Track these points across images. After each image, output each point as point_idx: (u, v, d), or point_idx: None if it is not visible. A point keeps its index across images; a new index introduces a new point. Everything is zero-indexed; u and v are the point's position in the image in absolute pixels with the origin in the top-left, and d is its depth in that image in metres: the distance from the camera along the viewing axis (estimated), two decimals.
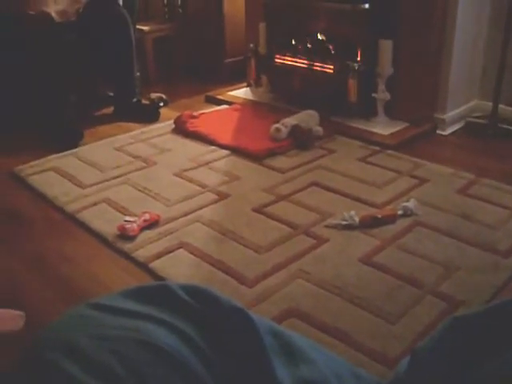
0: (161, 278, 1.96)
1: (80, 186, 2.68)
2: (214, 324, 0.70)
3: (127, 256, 2.12)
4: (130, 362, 0.61)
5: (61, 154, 3.05)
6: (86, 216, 2.41)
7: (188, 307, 0.70)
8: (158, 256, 2.09)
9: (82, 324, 0.66)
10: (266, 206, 2.45)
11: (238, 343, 0.70)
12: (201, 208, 2.44)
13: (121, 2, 3.58)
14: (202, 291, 0.73)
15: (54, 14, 3.36)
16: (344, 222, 2.25)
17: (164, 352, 0.63)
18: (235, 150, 3.02)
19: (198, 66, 4.57)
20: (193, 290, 0.72)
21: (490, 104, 3.27)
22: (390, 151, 3.01)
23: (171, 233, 2.24)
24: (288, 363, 0.71)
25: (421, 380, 0.76)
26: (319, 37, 3.59)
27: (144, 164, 2.91)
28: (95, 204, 2.50)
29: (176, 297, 0.71)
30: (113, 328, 0.65)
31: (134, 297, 0.71)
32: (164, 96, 3.93)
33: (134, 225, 2.24)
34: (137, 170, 2.84)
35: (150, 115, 3.63)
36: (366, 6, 3.19)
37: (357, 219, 2.24)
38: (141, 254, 2.11)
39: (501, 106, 3.26)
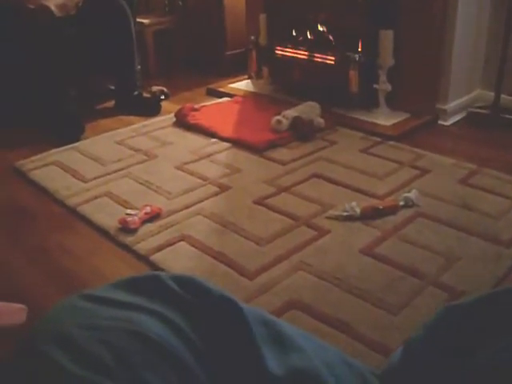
0: (162, 271, 1.96)
1: (81, 179, 2.68)
2: (203, 314, 0.70)
3: (129, 249, 2.13)
4: (120, 352, 0.61)
5: (62, 148, 3.05)
6: (88, 209, 2.41)
7: (178, 297, 0.70)
8: (160, 249, 2.09)
9: (74, 315, 0.66)
10: (267, 197, 2.44)
11: (228, 333, 0.70)
12: (202, 200, 2.44)
13: None
14: (193, 281, 0.73)
15: (53, 8, 3.35)
16: (345, 213, 2.24)
17: (154, 342, 0.63)
18: (236, 143, 3.02)
19: (198, 59, 4.56)
20: (183, 281, 0.72)
21: (493, 94, 3.25)
22: (391, 142, 3.01)
23: (172, 225, 2.25)
24: (278, 352, 0.71)
25: (414, 369, 0.77)
26: (320, 28, 3.58)
27: (145, 157, 2.91)
28: (96, 197, 2.50)
29: (167, 287, 0.71)
30: (104, 318, 0.65)
31: (126, 287, 0.71)
32: (165, 89, 3.92)
33: (136, 218, 2.24)
34: (138, 163, 2.84)
35: (151, 108, 3.63)
36: None
37: (358, 210, 2.24)
38: (142, 246, 2.11)
39: (503, 95, 3.24)
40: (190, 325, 0.68)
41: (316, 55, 3.52)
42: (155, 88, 3.90)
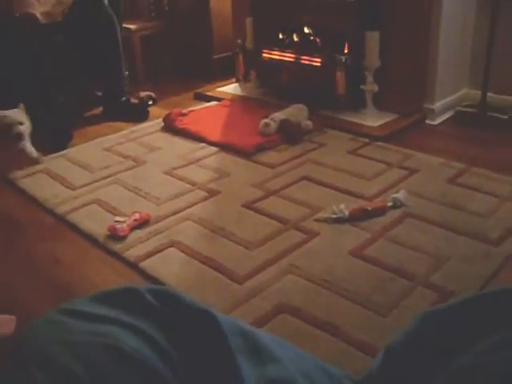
0: (151, 278, 1.96)
1: (70, 187, 2.67)
2: (179, 326, 0.70)
3: (118, 256, 2.12)
4: (94, 366, 0.61)
5: (50, 156, 3.04)
6: (77, 217, 2.40)
7: (154, 310, 0.71)
8: (149, 255, 2.08)
9: (50, 330, 0.67)
10: (256, 201, 2.44)
11: (204, 344, 0.70)
12: (191, 206, 2.43)
13: (106, 2, 3.57)
14: (169, 294, 0.73)
15: (39, 15, 3.34)
16: (334, 216, 2.24)
17: (129, 355, 0.64)
18: (224, 147, 3.02)
19: (186, 63, 4.56)
20: (159, 293, 0.73)
21: (480, 93, 3.27)
22: (379, 143, 3.01)
23: (161, 232, 2.24)
24: (255, 363, 0.71)
25: (394, 374, 0.77)
26: (306, 30, 3.59)
27: (134, 163, 2.90)
28: (85, 205, 2.50)
29: (143, 300, 0.71)
30: (79, 333, 0.66)
31: (102, 301, 0.72)
32: (153, 94, 3.92)
33: (124, 225, 2.24)
34: (127, 169, 2.83)
35: (139, 114, 3.62)
36: None
37: (346, 212, 2.24)
38: (131, 253, 2.10)
39: (490, 94, 3.26)
40: (166, 337, 0.68)
41: (303, 57, 3.53)
42: (143, 93, 3.89)
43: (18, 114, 2.90)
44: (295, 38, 3.65)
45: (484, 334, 0.68)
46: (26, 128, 2.91)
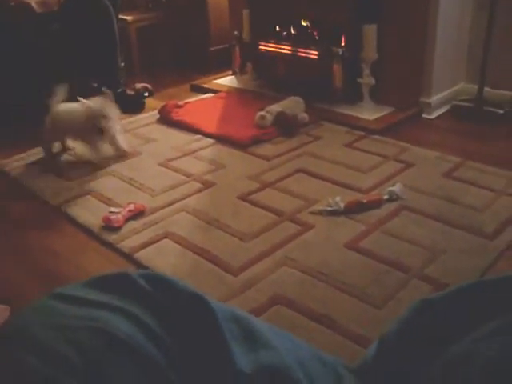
0: (146, 268, 1.95)
1: (65, 178, 2.66)
2: (173, 311, 0.70)
3: (113, 247, 2.11)
4: (86, 350, 0.61)
5: None
6: (71, 208, 2.40)
7: (146, 295, 0.70)
8: (144, 246, 2.08)
9: (41, 314, 0.66)
10: (252, 193, 2.44)
11: (197, 330, 0.70)
12: (186, 197, 2.43)
13: None
14: (162, 279, 0.73)
15: (34, 5, 3.32)
16: (329, 208, 2.24)
17: (121, 340, 0.63)
18: (220, 139, 3.01)
19: (182, 55, 4.55)
20: (152, 278, 0.72)
21: (476, 87, 3.26)
22: (375, 136, 3.01)
23: (156, 223, 2.23)
24: (248, 349, 0.71)
25: (388, 362, 0.76)
26: (303, 23, 3.58)
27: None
28: (80, 196, 2.49)
29: (135, 285, 0.71)
30: (72, 318, 0.65)
31: (96, 286, 0.71)
32: (149, 86, 3.90)
33: (119, 216, 2.23)
34: (122, 160, 2.82)
35: (135, 106, 3.61)
36: None
37: (342, 205, 2.24)
38: (126, 244, 2.10)
39: (486, 88, 3.26)
40: (159, 322, 0.68)
41: (300, 50, 3.52)
42: (139, 85, 3.88)
43: (101, 105, 2.72)
44: (292, 31, 3.65)
45: (479, 321, 0.68)
46: (109, 121, 2.72)
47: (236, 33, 3.92)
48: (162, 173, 2.67)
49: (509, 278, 0.73)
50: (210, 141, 3.02)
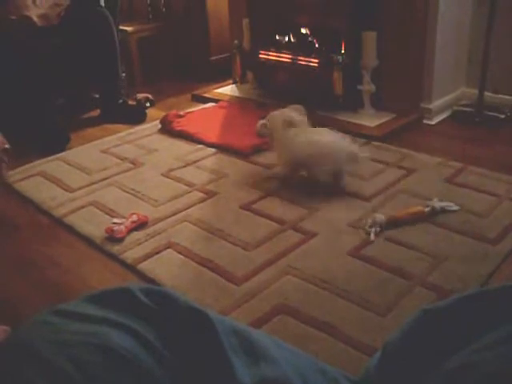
0: (149, 279, 1.95)
1: (67, 189, 2.67)
2: (173, 326, 0.70)
3: (116, 258, 2.11)
4: (86, 366, 0.61)
5: (48, 159, 3.04)
6: (74, 220, 2.40)
7: (147, 309, 0.71)
8: (147, 257, 2.08)
9: (43, 330, 0.67)
10: (254, 202, 2.44)
11: (197, 344, 0.70)
12: (188, 207, 2.43)
13: (102, 3, 3.57)
14: (162, 293, 0.73)
15: (35, 18, 3.34)
16: (372, 229, 2.16)
17: (121, 356, 0.64)
18: (222, 148, 3.02)
19: (183, 65, 4.56)
20: (153, 293, 0.72)
21: (477, 92, 3.26)
22: (377, 143, 3.01)
23: (159, 233, 2.24)
24: (249, 363, 0.71)
25: (391, 374, 0.76)
26: (303, 31, 3.58)
27: (131, 165, 2.90)
28: (83, 207, 2.49)
29: (136, 300, 0.71)
30: (72, 333, 0.66)
31: (96, 301, 0.71)
32: (150, 96, 3.92)
33: (122, 226, 2.23)
34: (124, 171, 2.83)
35: (136, 116, 3.62)
36: None
37: (383, 220, 2.18)
38: (129, 255, 2.10)
39: (487, 93, 3.26)
40: (159, 337, 0.68)
41: (300, 58, 3.52)
42: (140, 95, 3.89)
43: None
44: (292, 39, 3.65)
45: (481, 331, 0.68)
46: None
47: (236, 42, 3.93)
48: (164, 183, 2.67)
49: (510, 287, 0.73)
50: (212, 150, 3.02)
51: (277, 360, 0.73)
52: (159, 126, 3.40)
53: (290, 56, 3.59)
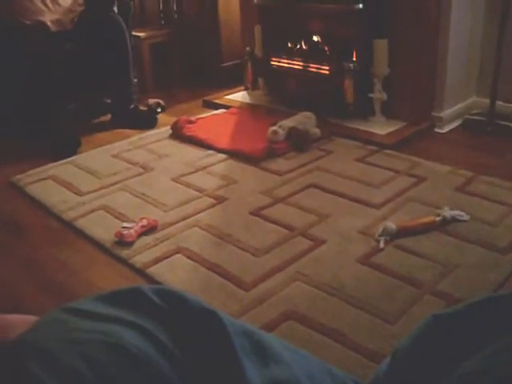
0: (158, 283, 1.95)
1: (78, 193, 2.68)
2: (184, 326, 0.70)
3: (125, 262, 2.12)
4: (97, 365, 0.61)
5: (59, 163, 3.05)
6: (84, 223, 2.41)
7: (159, 310, 0.70)
8: (156, 261, 2.08)
9: (53, 328, 0.66)
10: (264, 208, 2.44)
11: (208, 344, 0.70)
12: (198, 212, 2.43)
13: (116, 10, 3.59)
14: (173, 293, 0.73)
15: (49, 24, 3.37)
16: (382, 238, 2.15)
17: (132, 354, 0.63)
18: (232, 154, 3.02)
19: (195, 71, 4.57)
20: (164, 293, 0.72)
21: (488, 101, 3.26)
22: (387, 151, 3.01)
23: (168, 238, 2.24)
24: (259, 364, 0.71)
25: (400, 380, 0.76)
26: (314, 38, 3.59)
27: (142, 170, 2.91)
28: (93, 211, 2.50)
29: (147, 299, 0.71)
30: (83, 331, 0.65)
31: (107, 300, 0.71)
32: (161, 102, 3.93)
33: (132, 231, 2.24)
34: (134, 176, 2.84)
35: (147, 121, 3.63)
36: (360, 6, 3.18)
37: (394, 228, 2.17)
38: (138, 259, 2.10)
39: (498, 102, 3.25)
40: (170, 337, 0.68)
41: (311, 65, 3.53)
42: (151, 101, 3.90)
43: None
44: (304, 46, 3.66)
45: (492, 337, 0.67)
46: None
47: (248, 49, 3.94)
48: (174, 188, 2.68)
49: None
50: (222, 156, 3.03)
51: (287, 362, 0.73)
52: (170, 131, 3.41)
53: (301, 63, 3.59)
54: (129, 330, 0.66)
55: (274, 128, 3.08)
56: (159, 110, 3.87)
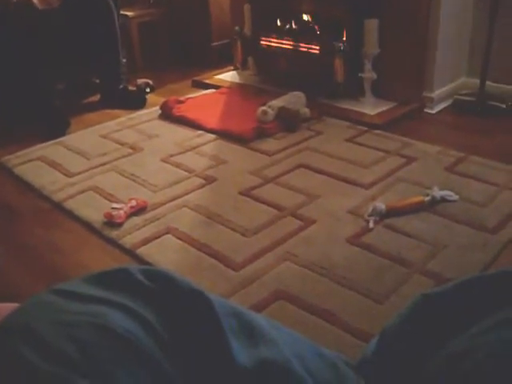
0: (148, 264, 1.95)
1: (67, 174, 2.67)
2: (172, 307, 0.70)
3: (114, 243, 2.11)
4: (87, 347, 0.61)
5: (47, 143, 3.03)
6: (74, 204, 2.40)
7: (146, 290, 0.70)
8: (145, 242, 2.08)
9: (42, 310, 0.66)
10: (253, 188, 2.44)
11: (196, 325, 0.70)
12: (188, 193, 2.43)
13: None
14: (161, 274, 0.73)
15: (35, 1, 3.32)
16: (372, 218, 2.16)
17: (120, 336, 0.63)
18: (222, 134, 3.01)
19: (184, 51, 4.54)
20: (152, 274, 0.72)
21: (478, 81, 3.25)
22: (377, 131, 3.00)
23: (158, 218, 2.24)
24: (248, 344, 0.71)
25: (388, 359, 0.76)
26: (304, 18, 3.57)
27: (131, 150, 2.89)
28: (82, 192, 2.49)
29: (135, 280, 0.71)
30: (72, 313, 0.65)
31: (95, 282, 0.71)
32: (150, 82, 3.91)
33: (121, 211, 2.23)
34: (123, 156, 2.83)
35: (136, 102, 3.61)
36: None
37: (383, 209, 2.17)
38: (128, 240, 2.10)
39: (488, 82, 3.25)
40: (158, 318, 0.68)
41: (301, 45, 3.51)
42: (140, 81, 3.88)
43: None
44: (293, 26, 3.64)
45: (479, 316, 0.68)
46: None
47: (237, 28, 3.91)
48: (163, 168, 2.67)
49: (508, 272, 0.73)
50: (212, 136, 3.02)
51: (276, 342, 0.73)
52: (159, 111, 3.39)
53: (291, 43, 3.58)
54: (116, 311, 0.66)
55: (264, 108, 3.07)
56: (148, 90, 3.85)
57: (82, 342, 0.61)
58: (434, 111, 3.29)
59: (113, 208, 2.27)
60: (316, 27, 3.52)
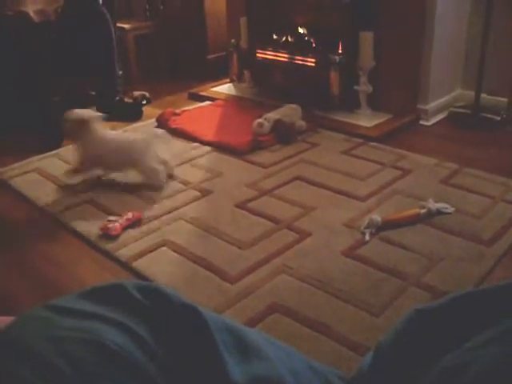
0: (143, 277, 1.95)
1: (63, 186, 2.66)
2: (165, 323, 0.70)
3: (110, 255, 2.11)
4: (79, 363, 0.61)
5: (43, 155, 3.03)
6: (69, 217, 2.39)
7: (140, 306, 0.70)
8: (141, 255, 2.08)
9: (35, 326, 0.66)
10: (249, 201, 2.44)
11: (189, 340, 0.70)
12: (184, 205, 2.43)
13: (100, 0, 3.56)
14: (155, 290, 0.72)
15: (32, 14, 3.33)
16: (367, 230, 2.16)
17: (113, 352, 0.63)
18: (218, 146, 3.01)
19: (180, 63, 4.55)
20: (146, 289, 0.72)
21: (473, 93, 3.27)
22: (373, 143, 3.01)
23: (154, 231, 2.23)
24: (241, 360, 0.71)
25: (383, 374, 0.76)
26: (300, 30, 3.58)
27: None
28: (78, 205, 2.49)
29: (129, 296, 0.71)
30: (65, 329, 0.65)
31: (89, 297, 0.71)
32: (147, 94, 3.91)
33: (117, 224, 2.23)
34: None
35: (132, 114, 3.61)
36: None
37: (379, 221, 2.18)
38: (123, 253, 2.09)
39: (483, 95, 3.26)
40: (152, 334, 0.68)
41: (297, 58, 3.53)
42: (137, 93, 3.89)
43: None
44: (289, 38, 3.65)
45: (474, 331, 0.68)
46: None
47: (233, 41, 3.93)
48: None
49: (503, 286, 0.73)
50: (208, 149, 3.02)
51: (269, 358, 0.73)
52: (155, 123, 3.39)
53: (287, 55, 3.59)
54: (110, 327, 0.66)
55: (260, 120, 3.07)
56: (144, 102, 3.85)
57: (75, 358, 0.61)
58: (429, 123, 3.30)
59: (108, 220, 2.26)
60: (312, 40, 3.54)
